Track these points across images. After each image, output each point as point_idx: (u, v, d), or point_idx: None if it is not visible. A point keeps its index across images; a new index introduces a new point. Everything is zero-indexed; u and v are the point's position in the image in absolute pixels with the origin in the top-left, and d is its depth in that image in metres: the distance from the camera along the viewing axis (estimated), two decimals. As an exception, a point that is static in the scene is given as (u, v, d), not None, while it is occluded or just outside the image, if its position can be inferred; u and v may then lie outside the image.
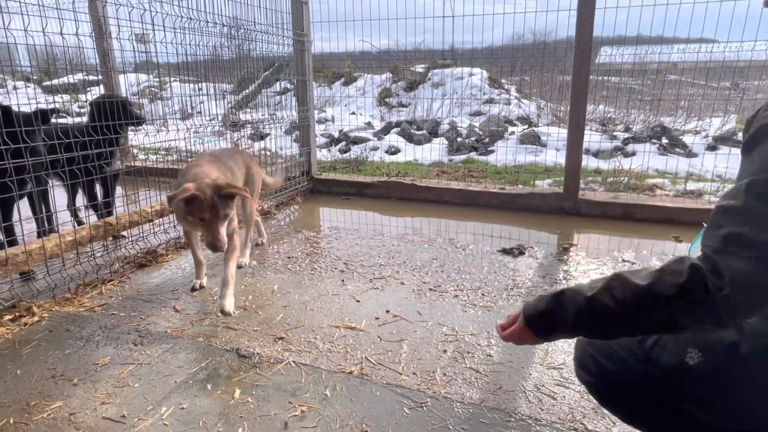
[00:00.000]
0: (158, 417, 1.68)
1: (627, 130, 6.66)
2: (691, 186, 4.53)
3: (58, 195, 3.14)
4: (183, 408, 1.73)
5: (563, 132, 4.54)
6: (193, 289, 2.65)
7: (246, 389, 1.83)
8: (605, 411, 1.64)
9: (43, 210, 3.03)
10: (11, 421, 1.67)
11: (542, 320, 1.11)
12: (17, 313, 2.36)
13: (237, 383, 1.86)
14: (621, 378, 1.20)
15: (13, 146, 2.36)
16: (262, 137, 7.74)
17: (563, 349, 2.06)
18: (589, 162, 5.66)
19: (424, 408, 1.72)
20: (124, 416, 1.69)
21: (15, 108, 2.60)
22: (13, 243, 2.66)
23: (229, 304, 2.35)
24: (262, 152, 5.81)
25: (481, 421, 1.66)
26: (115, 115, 3.03)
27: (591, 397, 1.56)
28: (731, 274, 0.87)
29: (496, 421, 1.66)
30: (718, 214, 0.96)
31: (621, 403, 1.26)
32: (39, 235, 2.80)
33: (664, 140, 6.04)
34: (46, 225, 3.05)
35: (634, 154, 5.84)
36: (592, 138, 6.21)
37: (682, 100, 7.27)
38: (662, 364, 1.11)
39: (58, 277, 2.63)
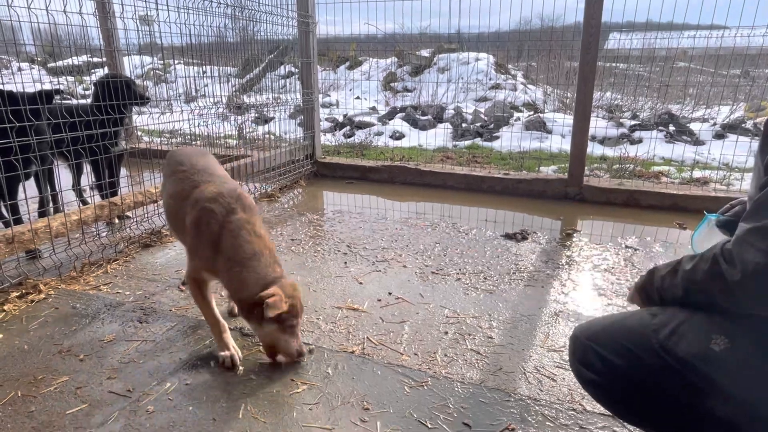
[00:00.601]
0: (163, 392, 1.71)
1: (634, 117, 6.59)
2: (697, 174, 4.50)
3: (63, 175, 3.15)
4: (187, 384, 1.76)
5: (569, 119, 4.52)
6: (227, 366, 1.85)
7: (249, 366, 1.86)
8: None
9: (48, 189, 3.05)
10: (19, 394, 1.71)
11: (642, 293, 1.29)
12: (24, 290, 2.39)
13: (241, 361, 1.88)
14: (631, 372, 1.16)
15: (18, 125, 2.37)
16: (266, 121, 7.72)
17: (564, 333, 2.08)
18: (594, 149, 5.62)
19: (425, 387, 1.74)
20: (129, 390, 1.72)
21: (19, 88, 2.60)
22: (18, 222, 2.68)
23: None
24: (266, 136, 5.81)
25: (481, 400, 1.68)
26: (119, 95, 3.03)
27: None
28: (743, 265, 0.95)
29: (496, 400, 1.68)
30: (752, 208, 1.01)
31: (632, 402, 1.21)
32: (41, 215, 2.81)
33: (672, 128, 5.98)
34: (50, 204, 3.07)
35: (640, 141, 5.79)
36: (598, 125, 6.17)
37: (690, 87, 7.19)
38: (681, 353, 1.07)
39: (63, 256, 2.66)
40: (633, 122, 6.29)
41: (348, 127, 7.27)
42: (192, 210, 1.91)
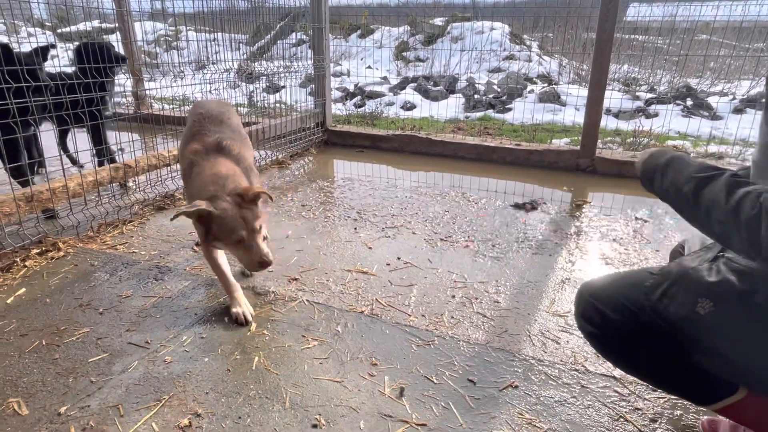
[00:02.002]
0: (179, 344, 1.78)
1: (651, 90, 6.46)
2: (713, 149, 4.43)
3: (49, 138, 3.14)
4: (203, 337, 1.83)
5: (584, 91, 4.43)
6: (240, 322, 1.90)
7: (261, 323, 1.92)
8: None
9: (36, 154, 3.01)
10: (44, 343, 1.79)
11: (649, 172, 1.24)
12: (44, 248, 2.47)
13: (253, 318, 1.95)
14: (626, 328, 1.22)
15: (14, 86, 2.36)
16: (277, 90, 7.68)
17: (570, 299, 2.11)
18: (608, 122, 5.53)
19: (431, 346, 1.79)
20: (147, 342, 1.80)
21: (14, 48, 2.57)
22: (25, 184, 2.70)
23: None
24: (277, 105, 5.79)
25: (486, 359, 1.73)
26: (98, 59, 2.99)
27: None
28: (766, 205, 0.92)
29: (500, 360, 1.72)
30: None
31: (624, 353, 1.29)
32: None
33: (689, 101, 5.86)
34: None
35: (656, 115, 5.69)
36: (613, 97, 6.06)
37: (711, 60, 6.99)
38: (670, 315, 1.13)
39: (80, 216, 2.72)
40: (649, 95, 6.17)
41: (359, 97, 7.21)
42: (186, 155, 2.00)
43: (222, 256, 2.02)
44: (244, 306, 1.94)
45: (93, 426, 1.42)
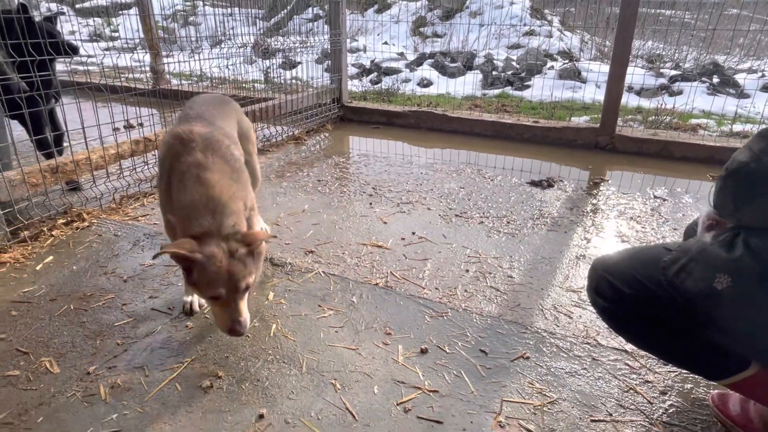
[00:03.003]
0: (200, 312, 1.84)
1: (676, 68, 6.27)
2: (738, 128, 4.31)
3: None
4: (222, 305, 1.88)
5: (606, 68, 4.32)
6: (186, 312, 1.84)
7: (279, 293, 1.97)
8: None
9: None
10: (72, 307, 1.86)
11: None
12: (69, 218, 2.54)
13: (270, 287, 2.00)
14: (639, 303, 1.23)
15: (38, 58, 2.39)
16: (293, 66, 7.64)
17: (584, 275, 2.11)
18: (630, 100, 5.41)
19: (445, 317, 1.82)
20: (170, 309, 1.86)
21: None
22: (49, 156, 2.75)
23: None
24: (293, 81, 5.77)
25: (498, 331, 1.75)
26: (18, 35, 2.42)
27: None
28: (730, 162, 1.08)
29: (513, 332, 1.75)
30: None
31: (636, 328, 1.30)
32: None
33: (715, 79, 5.68)
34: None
35: (680, 93, 5.54)
36: (635, 74, 5.89)
37: (740, 36, 6.73)
38: (687, 290, 1.13)
39: (103, 188, 2.79)
40: (674, 72, 5.99)
41: (375, 74, 7.14)
42: (162, 145, 1.68)
43: None
44: (195, 296, 1.85)
45: (120, 384, 1.49)
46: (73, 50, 2.79)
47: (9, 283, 2.01)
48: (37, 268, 2.13)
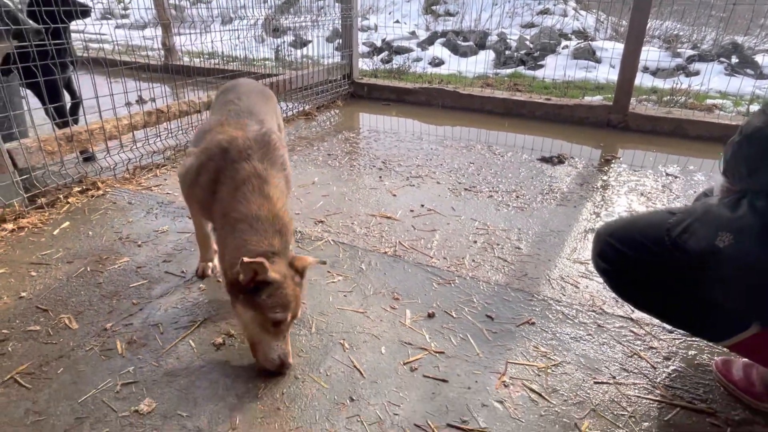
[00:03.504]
0: (212, 276, 1.89)
1: (694, 48, 6.13)
2: (756, 108, 4.22)
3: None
4: (234, 269, 1.92)
5: (621, 47, 4.23)
6: (200, 276, 1.88)
7: (289, 259, 2.01)
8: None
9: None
10: (88, 269, 1.92)
11: None
12: (84, 187, 2.59)
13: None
14: (642, 265, 1.25)
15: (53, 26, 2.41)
16: (304, 44, 7.59)
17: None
18: (644, 80, 5.32)
19: (452, 285, 1.85)
20: (183, 272, 1.91)
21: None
22: (65, 125, 2.81)
23: None
24: (304, 59, 5.75)
25: (505, 298, 1.78)
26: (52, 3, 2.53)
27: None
28: (744, 127, 1.11)
29: (519, 299, 1.77)
30: None
31: (639, 290, 1.32)
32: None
33: (734, 59, 5.55)
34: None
35: (696, 73, 5.43)
36: (651, 54, 5.78)
37: (760, 17, 6.54)
38: (689, 249, 1.15)
39: (117, 158, 2.83)
40: (691, 52, 5.87)
41: (386, 53, 7.08)
42: (212, 143, 1.57)
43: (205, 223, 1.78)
44: (208, 260, 1.88)
45: (136, 340, 1.54)
46: (84, 13, 2.81)
47: (27, 246, 2.07)
48: (54, 232, 2.19)
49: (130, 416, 1.27)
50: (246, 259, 1.26)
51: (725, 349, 1.52)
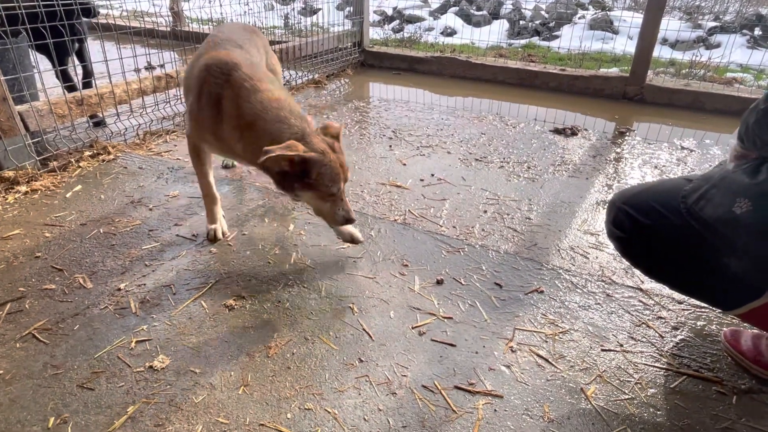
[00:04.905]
0: (223, 239, 1.90)
1: (716, 19, 5.93)
2: (777, 82, 4.10)
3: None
4: (244, 234, 1.94)
5: (639, 18, 4.10)
6: (210, 239, 1.89)
7: (298, 225, 2.01)
8: (635, 272, 1.72)
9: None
10: (101, 231, 1.94)
11: None
12: (95, 151, 2.60)
13: (291, 220, 2.04)
14: (656, 231, 1.24)
15: None
16: (314, 12, 7.44)
17: (603, 219, 2.10)
18: (663, 52, 5.17)
19: (461, 253, 1.85)
20: (194, 235, 1.92)
21: None
22: (72, 89, 2.78)
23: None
24: (313, 28, 5.63)
25: (514, 267, 1.78)
26: None
27: (622, 260, 1.63)
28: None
29: (528, 268, 1.77)
30: None
31: (652, 257, 1.31)
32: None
33: (757, 31, 5.37)
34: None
35: (717, 46, 5.27)
36: (671, 24, 5.61)
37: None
38: (706, 216, 1.13)
39: (127, 124, 2.83)
40: (713, 24, 5.68)
41: (397, 21, 6.93)
42: (196, 69, 1.64)
43: (209, 162, 1.84)
44: (218, 223, 1.90)
45: (149, 300, 1.57)
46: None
47: (41, 209, 2.09)
48: (67, 195, 2.21)
49: (144, 371, 1.31)
50: (275, 152, 1.33)
51: (735, 320, 1.52)
